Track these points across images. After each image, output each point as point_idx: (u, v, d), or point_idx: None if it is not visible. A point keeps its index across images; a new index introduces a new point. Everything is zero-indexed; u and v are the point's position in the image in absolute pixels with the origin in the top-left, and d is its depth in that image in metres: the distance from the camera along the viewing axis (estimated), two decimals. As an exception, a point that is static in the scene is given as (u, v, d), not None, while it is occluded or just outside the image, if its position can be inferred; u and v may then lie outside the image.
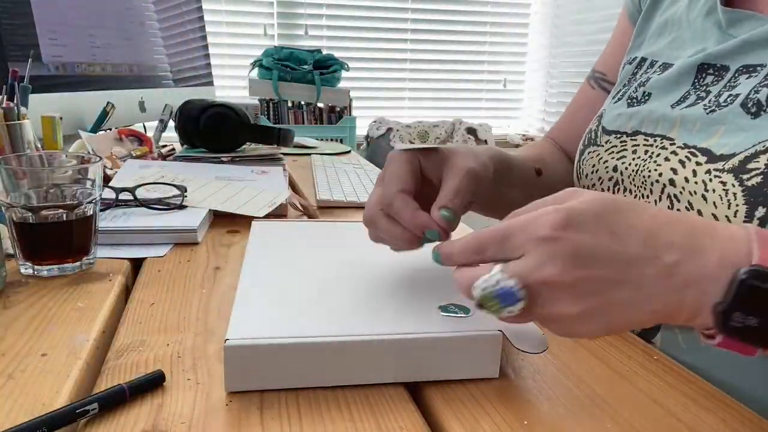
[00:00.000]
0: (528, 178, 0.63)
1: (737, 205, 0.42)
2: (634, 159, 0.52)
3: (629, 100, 0.56)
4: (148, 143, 1.12)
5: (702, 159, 0.45)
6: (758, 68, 0.45)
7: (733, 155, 0.43)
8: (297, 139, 1.38)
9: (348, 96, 2.36)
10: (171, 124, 1.17)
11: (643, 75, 0.57)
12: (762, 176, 0.41)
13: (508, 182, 0.56)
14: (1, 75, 0.81)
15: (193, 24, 1.54)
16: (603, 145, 0.57)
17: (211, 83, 1.62)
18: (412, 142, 2.48)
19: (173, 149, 1.14)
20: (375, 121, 2.51)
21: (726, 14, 0.50)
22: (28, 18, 0.89)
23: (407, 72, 2.79)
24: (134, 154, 1.03)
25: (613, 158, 0.55)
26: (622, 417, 0.35)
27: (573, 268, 0.31)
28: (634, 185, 0.52)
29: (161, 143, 1.21)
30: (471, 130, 2.47)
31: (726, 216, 0.43)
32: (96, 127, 1.05)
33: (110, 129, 1.10)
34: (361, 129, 2.51)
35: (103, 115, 1.05)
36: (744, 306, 0.30)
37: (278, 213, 0.78)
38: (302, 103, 2.33)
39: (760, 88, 0.44)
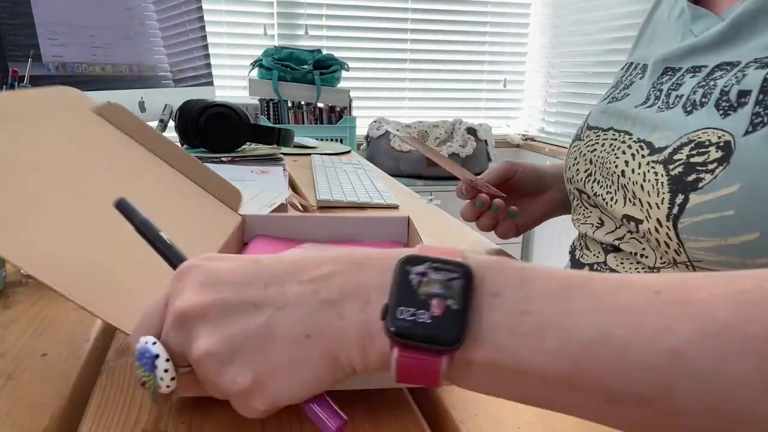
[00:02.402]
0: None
1: (663, 193, 0.46)
2: (602, 152, 0.56)
3: (610, 99, 0.61)
4: (148, 143, 1.12)
5: (646, 151, 0.49)
6: (702, 68, 0.49)
7: (666, 147, 0.47)
8: (297, 139, 1.38)
9: (348, 96, 2.36)
10: (171, 124, 1.17)
11: (629, 78, 0.61)
12: (683, 166, 0.44)
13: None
14: (1, 75, 0.81)
15: (193, 24, 1.54)
16: (584, 140, 0.61)
17: (211, 83, 1.62)
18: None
19: (173, 149, 1.14)
20: (375, 121, 2.51)
21: (691, 10, 0.54)
22: (28, 18, 0.89)
23: (407, 72, 2.79)
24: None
25: (588, 151, 0.59)
26: (622, 417, 0.35)
27: (201, 292, 0.27)
28: (602, 176, 0.56)
29: (161, 143, 1.21)
30: (471, 130, 2.47)
31: (656, 203, 0.46)
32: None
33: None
34: (361, 129, 2.50)
35: (103, 115, 1.05)
36: (410, 293, 0.25)
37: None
38: (302, 103, 2.33)
39: (697, 89, 0.48)
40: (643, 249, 0.51)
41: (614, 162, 0.53)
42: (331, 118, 2.38)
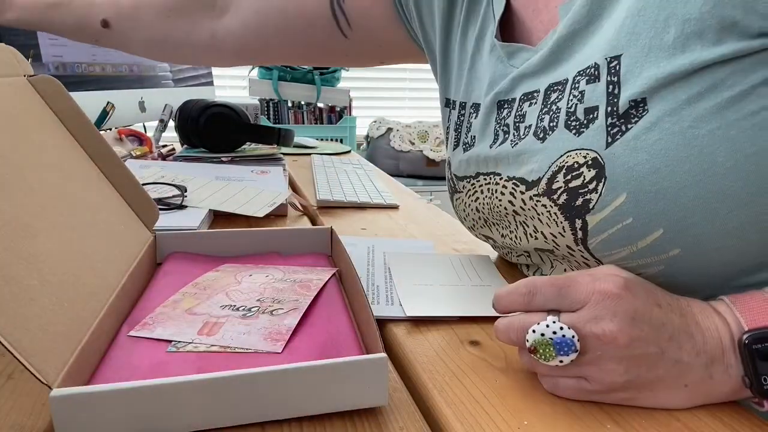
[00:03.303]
0: (85, 26, 0.71)
1: (561, 222, 0.46)
2: (484, 198, 0.56)
3: (464, 146, 0.60)
4: (148, 143, 1.12)
5: (522, 188, 0.49)
6: (534, 94, 0.50)
7: (540, 179, 0.47)
8: (297, 139, 1.38)
9: (348, 96, 2.36)
10: (171, 124, 1.17)
11: (468, 120, 0.60)
12: (566, 193, 0.45)
13: (51, 26, 0.70)
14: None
15: (193, 24, 1.54)
16: (462, 191, 0.61)
17: (211, 83, 1.62)
18: (412, 143, 2.48)
19: (173, 149, 1.14)
20: (375, 121, 2.51)
21: (504, 48, 0.54)
22: (28, 18, 0.89)
23: (407, 72, 2.79)
24: (134, 154, 1.03)
25: (471, 200, 0.59)
26: (623, 417, 0.35)
27: (630, 327, 0.35)
28: (496, 220, 0.56)
29: (161, 143, 1.21)
30: (471, 130, 2.47)
31: (559, 233, 0.47)
32: (96, 127, 1.05)
33: (110, 129, 1.10)
34: (361, 129, 2.50)
35: (103, 115, 1.05)
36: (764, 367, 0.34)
37: (278, 213, 0.78)
38: (302, 103, 2.33)
39: (543, 116, 0.48)
40: (573, 267, 0.52)
41: (499, 203, 0.53)
42: (331, 118, 2.38)
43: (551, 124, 0.47)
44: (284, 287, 0.47)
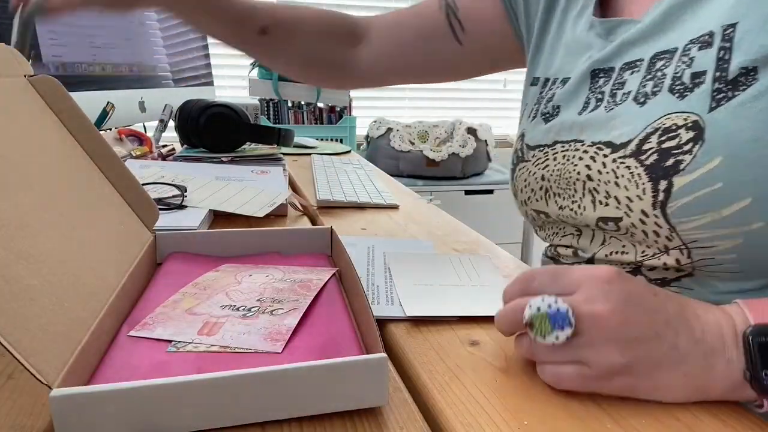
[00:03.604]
0: (242, 32, 0.73)
1: (643, 183, 0.47)
2: (555, 165, 0.56)
3: (543, 116, 0.60)
4: (148, 143, 1.12)
5: (607, 151, 0.50)
6: (638, 63, 0.51)
7: (630, 141, 0.48)
8: (297, 139, 1.38)
9: (348, 96, 2.36)
10: (171, 124, 1.17)
11: (548, 92, 0.61)
12: (657, 153, 0.46)
13: (201, 20, 0.71)
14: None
15: (193, 24, 1.54)
16: (530, 160, 0.61)
17: (211, 83, 1.62)
18: (412, 143, 2.48)
19: (173, 149, 1.14)
20: (375, 121, 2.51)
21: (603, 24, 0.56)
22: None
23: (407, 72, 2.79)
24: (134, 154, 1.03)
25: (539, 169, 0.59)
26: (623, 417, 0.35)
27: (624, 307, 0.36)
28: (560, 188, 0.56)
29: (161, 143, 1.21)
30: (471, 130, 2.47)
31: (637, 195, 0.47)
32: (96, 127, 1.05)
33: (110, 129, 1.10)
34: (361, 129, 2.50)
35: (103, 115, 1.05)
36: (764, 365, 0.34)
37: (278, 213, 0.78)
38: (302, 103, 2.33)
39: (645, 83, 0.49)
40: (623, 246, 0.52)
41: (573, 170, 0.53)
42: (331, 118, 2.38)
43: (654, 90, 0.48)
44: (284, 287, 0.47)
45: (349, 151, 1.48)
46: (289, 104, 2.32)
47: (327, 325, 0.40)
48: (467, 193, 2.41)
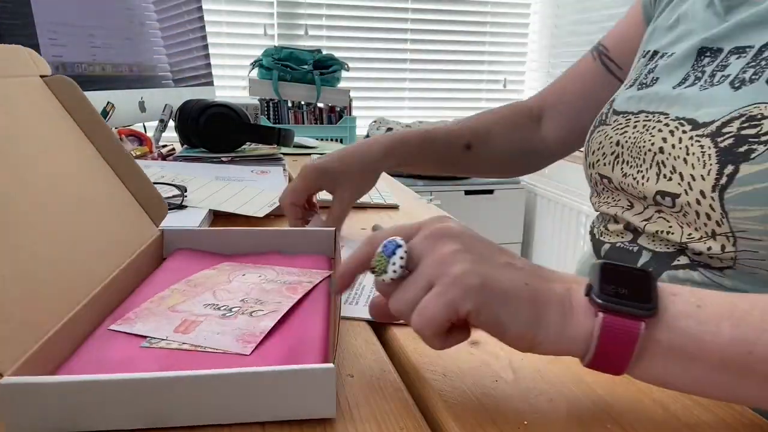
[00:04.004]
0: (447, 156, 0.77)
1: (711, 165, 0.47)
2: (633, 133, 0.57)
3: (639, 86, 0.61)
4: (148, 143, 1.12)
5: (688, 128, 0.50)
6: (747, 49, 0.50)
7: (713, 122, 0.48)
8: (297, 139, 1.38)
9: (348, 96, 2.35)
10: (171, 124, 1.17)
11: (653, 64, 0.61)
12: (733, 138, 0.46)
13: (418, 162, 0.74)
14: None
15: (193, 24, 1.54)
16: (611, 124, 0.61)
17: (211, 83, 1.62)
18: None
19: (173, 149, 1.14)
20: (375, 121, 2.51)
21: (723, 3, 0.55)
22: (28, 18, 0.89)
23: (407, 72, 2.79)
24: (134, 154, 1.03)
25: (617, 134, 0.59)
26: (623, 417, 0.35)
27: (456, 226, 0.36)
28: (631, 156, 0.57)
29: (161, 143, 1.21)
30: (471, 130, 2.47)
31: (701, 175, 0.47)
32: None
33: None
34: (361, 129, 2.50)
35: (103, 115, 1.05)
36: (609, 278, 0.33)
37: (278, 213, 0.78)
38: (302, 103, 2.33)
39: (747, 69, 0.49)
40: (670, 227, 0.52)
41: (648, 140, 0.54)
42: (331, 118, 2.38)
43: (753, 77, 0.48)
44: (271, 288, 0.46)
45: (349, 151, 1.48)
46: (289, 104, 2.32)
47: (301, 329, 0.40)
48: (467, 193, 2.41)
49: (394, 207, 0.89)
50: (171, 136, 1.21)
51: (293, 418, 0.33)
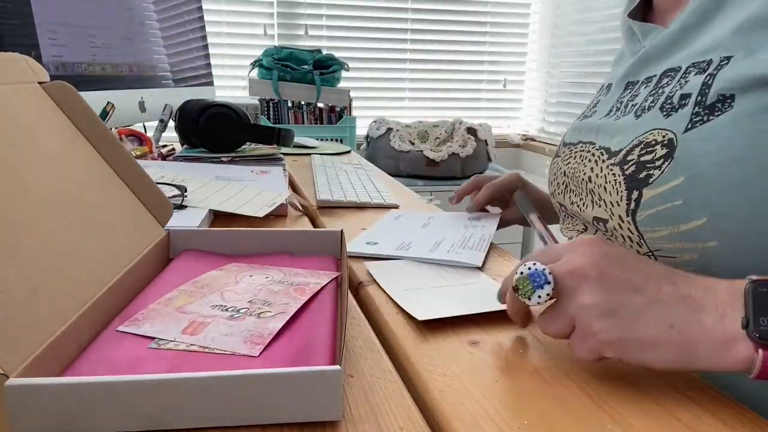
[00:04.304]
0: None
1: (621, 191, 0.50)
2: (574, 164, 0.61)
3: (583, 117, 0.66)
4: (148, 143, 1.12)
5: (605, 156, 0.54)
6: (652, 78, 0.54)
7: (621, 150, 0.51)
8: (297, 139, 1.38)
9: (348, 96, 2.35)
10: (171, 124, 1.17)
11: (597, 98, 0.66)
12: (635, 165, 0.48)
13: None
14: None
15: (193, 24, 1.54)
16: (561, 156, 0.66)
17: (211, 83, 1.62)
18: (412, 143, 2.48)
19: (173, 149, 1.14)
20: (375, 121, 2.51)
21: (639, 28, 0.59)
22: (28, 18, 0.89)
23: (407, 72, 2.79)
24: (134, 154, 1.03)
25: (564, 164, 0.64)
26: (623, 417, 0.35)
27: (599, 262, 0.37)
28: (574, 185, 0.60)
29: (161, 143, 1.21)
30: (471, 130, 2.47)
31: (616, 201, 0.50)
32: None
33: (110, 129, 1.10)
34: (361, 129, 2.50)
35: (103, 115, 1.05)
36: (763, 308, 0.34)
37: (278, 213, 0.78)
38: (302, 103, 2.33)
39: (648, 97, 0.52)
40: None
41: (582, 171, 0.58)
42: (331, 118, 2.38)
43: (651, 105, 0.51)
44: (279, 290, 0.46)
45: (349, 151, 1.48)
46: (289, 104, 2.32)
47: (309, 331, 0.40)
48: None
49: (394, 207, 0.89)
50: (171, 136, 1.21)
51: (299, 421, 0.33)
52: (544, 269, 0.38)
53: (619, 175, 0.50)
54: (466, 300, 0.52)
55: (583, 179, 0.57)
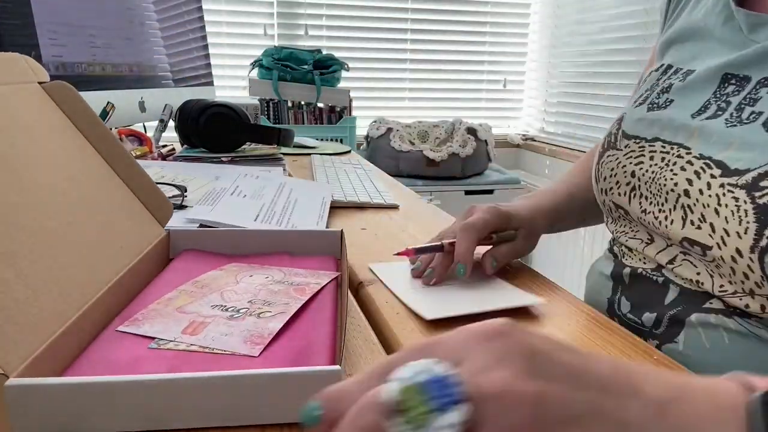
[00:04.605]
0: (587, 207, 0.69)
1: (748, 222, 0.41)
2: (651, 166, 0.52)
3: (650, 105, 0.55)
4: (148, 143, 1.12)
5: (717, 172, 0.44)
6: None
7: (747, 171, 0.42)
8: (297, 139, 1.38)
9: (348, 96, 2.35)
10: (171, 124, 1.17)
11: (666, 81, 0.56)
12: None
13: (563, 222, 0.67)
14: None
15: (193, 24, 1.54)
16: (622, 150, 0.56)
17: (211, 83, 1.62)
18: (412, 143, 2.48)
19: (173, 149, 1.14)
20: (375, 121, 2.51)
21: (747, 18, 0.49)
22: (28, 18, 0.89)
23: (407, 72, 2.79)
24: (134, 154, 1.03)
25: (631, 163, 0.54)
26: (622, 417, 0.35)
27: (533, 370, 0.22)
28: (650, 192, 0.51)
29: (161, 143, 1.21)
30: (471, 130, 2.47)
31: (737, 232, 0.42)
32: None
33: (110, 129, 1.10)
34: (361, 129, 2.50)
35: (103, 115, 1.05)
36: None
37: (278, 213, 0.78)
38: (302, 103, 2.33)
39: None
40: (698, 273, 0.48)
41: (670, 179, 0.49)
42: (331, 118, 2.38)
43: None
44: (279, 290, 0.46)
45: (349, 151, 1.48)
46: (289, 104, 2.32)
47: (309, 331, 0.40)
48: (467, 193, 2.41)
49: (394, 207, 0.89)
50: (171, 136, 1.21)
51: (299, 421, 0.33)
52: (447, 375, 0.21)
53: (745, 202, 0.42)
54: (473, 299, 0.52)
55: (672, 190, 0.48)
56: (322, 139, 1.81)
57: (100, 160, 0.51)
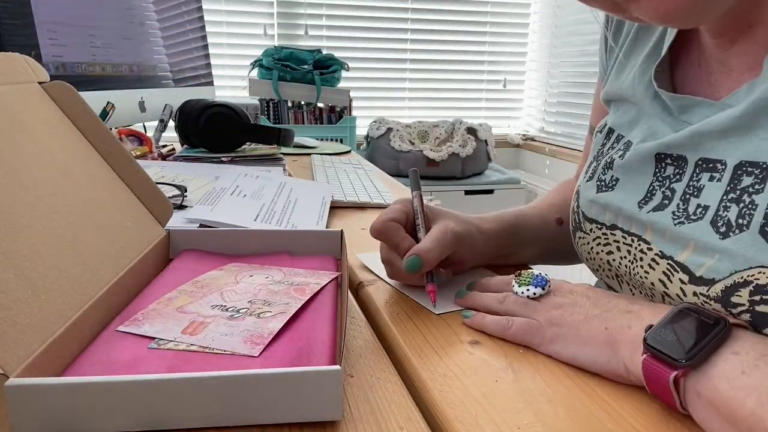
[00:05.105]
0: (545, 232, 0.65)
1: None
2: (622, 258, 0.50)
3: (599, 183, 0.53)
4: (148, 143, 1.12)
5: (684, 277, 0.43)
6: (718, 165, 0.42)
7: (713, 281, 0.40)
8: (297, 139, 1.38)
9: (348, 96, 2.36)
10: (171, 124, 1.17)
11: (609, 151, 0.54)
12: (750, 315, 0.38)
13: (519, 243, 0.62)
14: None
15: (193, 24, 1.54)
16: (588, 234, 0.55)
17: (211, 83, 1.62)
18: (412, 143, 2.48)
19: (173, 149, 1.14)
20: (375, 121, 2.51)
21: (675, 101, 0.47)
22: (28, 18, 0.89)
23: (407, 72, 2.79)
24: (134, 154, 1.03)
25: (602, 250, 0.53)
26: (623, 417, 0.35)
27: (586, 291, 0.45)
28: (633, 285, 0.51)
29: (161, 143, 1.21)
30: (471, 130, 2.47)
31: None
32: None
33: (110, 129, 1.10)
34: (361, 129, 2.50)
35: (103, 115, 1.05)
36: (674, 320, 0.35)
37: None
38: (302, 103, 2.33)
39: (729, 204, 0.40)
40: None
41: (645, 277, 0.47)
42: (331, 118, 2.38)
43: (740, 221, 0.39)
44: (279, 290, 0.46)
45: (349, 151, 1.48)
46: (289, 104, 2.32)
47: (309, 331, 0.40)
48: (467, 193, 2.41)
49: (394, 207, 0.89)
50: (171, 136, 1.21)
51: (299, 421, 0.33)
52: (547, 277, 0.46)
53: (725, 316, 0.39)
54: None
55: (651, 286, 0.47)
56: (322, 139, 1.81)
57: (100, 160, 0.51)
